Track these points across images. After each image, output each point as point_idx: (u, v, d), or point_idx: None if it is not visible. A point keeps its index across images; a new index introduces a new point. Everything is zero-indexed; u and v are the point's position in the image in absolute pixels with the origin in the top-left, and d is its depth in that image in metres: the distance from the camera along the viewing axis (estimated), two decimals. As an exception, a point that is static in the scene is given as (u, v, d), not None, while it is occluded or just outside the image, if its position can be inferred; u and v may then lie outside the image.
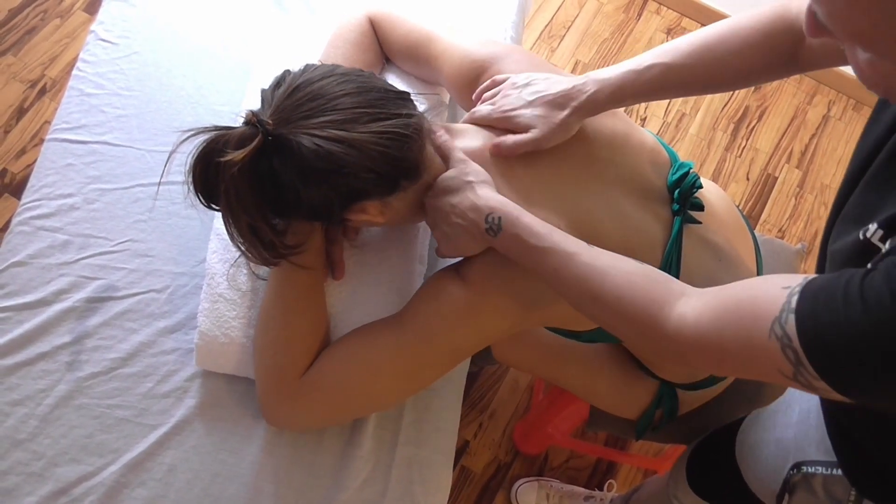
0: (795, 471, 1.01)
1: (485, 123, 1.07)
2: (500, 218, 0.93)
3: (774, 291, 0.71)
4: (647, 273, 0.87)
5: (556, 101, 1.02)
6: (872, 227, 0.72)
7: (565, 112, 1.02)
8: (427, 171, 0.99)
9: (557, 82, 1.04)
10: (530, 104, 1.03)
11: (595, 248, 0.90)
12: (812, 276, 0.70)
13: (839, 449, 0.98)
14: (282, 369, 1.04)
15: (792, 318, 0.67)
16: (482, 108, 1.07)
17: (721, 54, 1.00)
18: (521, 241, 0.92)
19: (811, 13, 0.62)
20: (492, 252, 0.98)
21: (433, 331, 1.00)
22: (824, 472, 0.99)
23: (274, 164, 0.89)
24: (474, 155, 1.03)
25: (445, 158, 1.01)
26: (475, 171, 0.98)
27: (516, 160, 1.03)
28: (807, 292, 0.68)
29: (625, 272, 0.86)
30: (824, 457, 0.99)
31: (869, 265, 0.68)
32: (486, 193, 0.96)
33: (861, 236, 0.73)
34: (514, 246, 0.93)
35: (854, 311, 0.63)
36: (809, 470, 1.00)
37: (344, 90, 0.91)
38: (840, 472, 0.97)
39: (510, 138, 1.03)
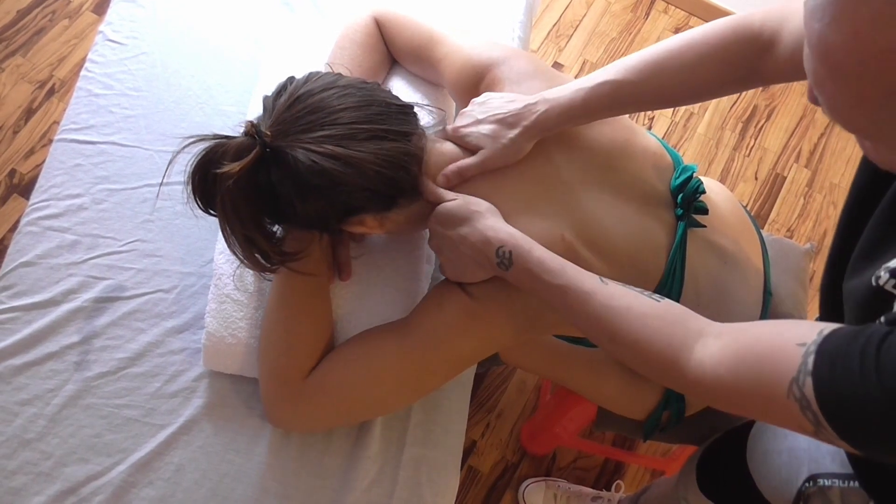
0: (811, 483, 1.00)
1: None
2: (510, 252, 0.92)
3: (790, 349, 0.69)
4: (664, 315, 0.85)
5: (507, 121, 1.01)
6: (884, 274, 0.72)
7: (515, 132, 1.00)
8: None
9: (512, 101, 1.03)
10: (480, 122, 1.03)
11: (610, 284, 0.89)
12: (826, 328, 0.69)
13: (855, 461, 0.96)
14: (285, 371, 1.04)
15: (809, 381, 0.66)
16: (449, 126, 1.08)
17: (674, 70, 0.99)
18: (533, 276, 0.91)
19: (811, 92, 0.62)
20: None
21: (438, 339, 1.00)
22: (841, 484, 0.97)
23: (271, 175, 0.89)
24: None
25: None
26: (478, 202, 0.98)
27: (520, 170, 1.02)
28: (823, 354, 0.67)
29: (641, 314, 0.85)
30: (840, 469, 0.98)
31: (882, 319, 0.67)
32: (496, 224, 0.95)
33: (873, 282, 0.73)
34: (527, 280, 0.92)
35: (871, 383, 0.62)
36: (826, 483, 0.98)
37: (344, 104, 0.91)
38: (857, 484, 0.96)
39: (452, 166, 1.02)
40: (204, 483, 1.08)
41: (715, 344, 0.78)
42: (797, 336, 0.70)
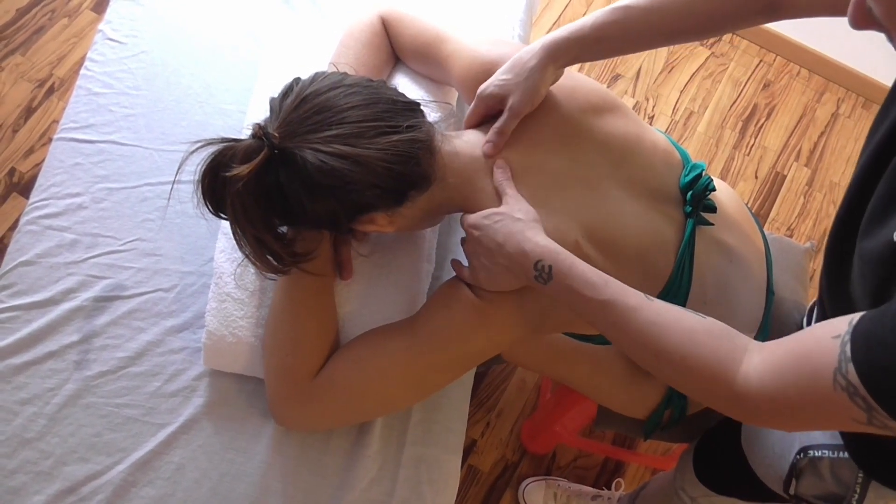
0: (802, 455, 1.02)
1: (475, 120, 1.08)
2: (550, 267, 0.90)
3: (826, 343, 0.71)
4: (711, 330, 0.84)
5: (519, 59, 1.02)
6: None
7: (529, 63, 1.01)
8: (440, 179, 0.98)
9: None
10: (496, 75, 1.04)
11: (655, 301, 0.87)
12: (855, 317, 0.70)
13: (845, 432, 0.98)
14: (292, 371, 1.03)
15: (851, 367, 0.67)
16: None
17: None
18: (574, 291, 0.89)
19: (860, 5, 0.61)
20: None
21: (445, 339, 0.99)
22: (831, 455, 0.99)
23: (280, 177, 0.89)
24: (481, 163, 1.02)
25: (500, 196, 0.99)
26: (525, 211, 0.96)
27: (530, 165, 1.02)
28: (858, 338, 0.68)
29: (689, 330, 0.83)
30: (830, 440, 1.00)
31: None
32: (535, 237, 0.93)
33: (894, 238, 0.73)
34: (567, 296, 0.90)
35: None
36: (816, 454, 1.00)
37: (351, 102, 0.91)
38: (847, 455, 0.97)
39: (490, 132, 1.02)
40: (204, 482, 1.08)
41: (758, 357, 0.78)
42: (830, 331, 0.71)
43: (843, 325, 0.70)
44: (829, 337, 0.71)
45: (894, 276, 0.73)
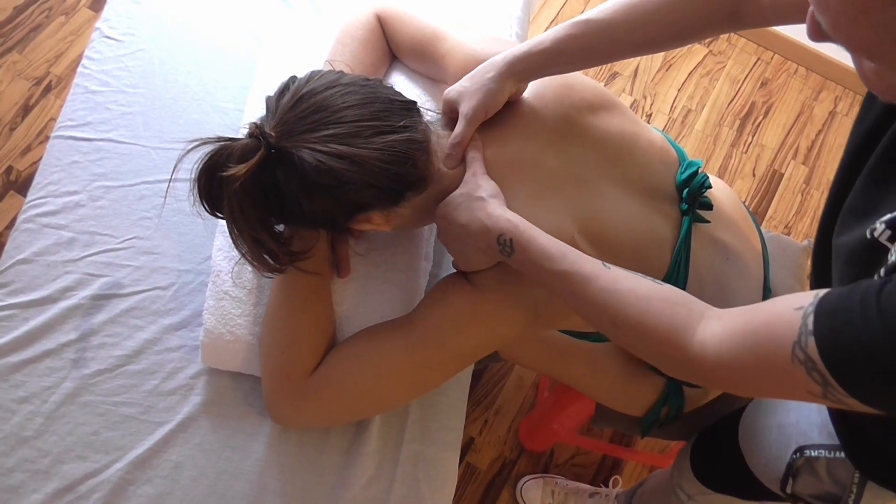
0: (798, 455, 1.02)
1: (447, 122, 1.08)
2: (511, 240, 0.91)
3: (788, 314, 0.70)
4: (667, 296, 0.84)
5: (482, 69, 1.02)
6: (880, 226, 0.72)
7: (489, 74, 1.01)
8: (435, 180, 0.98)
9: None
10: (461, 80, 1.04)
11: (612, 268, 0.88)
12: (821, 291, 0.69)
13: (841, 432, 0.98)
14: (288, 369, 1.03)
15: (811, 340, 0.66)
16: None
17: (652, 8, 0.97)
18: (534, 264, 0.90)
19: (814, 19, 0.61)
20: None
21: (441, 335, 1.00)
22: (827, 455, 0.99)
23: (277, 176, 0.89)
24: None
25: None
26: (485, 187, 0.96)
27: (526, 162, 1.02)
28: (822, 312, 0.67)
29: (644, 296, 0.84)
30: (827, 440, 1.00)
31: (881, 272, 0.68)
32: (496, 212, 0.93)
33: (868, 235, 0.73)
34: (529, 268, 0.91)
35: (874, 329, 0.62)
36: (812, 454, 1.00)
37: (347, 102, 0.91)
38: (843, 454, 0.97)
39: (447, 145, 1.02)
40: (202, 480, 1.08)
41: (717, 324, 0.78)
42: (793, 302, 0.70)
43: (807, 297, 0.69)
44: (792, 308, 0.70)
45: (869, 273, 0.73)
